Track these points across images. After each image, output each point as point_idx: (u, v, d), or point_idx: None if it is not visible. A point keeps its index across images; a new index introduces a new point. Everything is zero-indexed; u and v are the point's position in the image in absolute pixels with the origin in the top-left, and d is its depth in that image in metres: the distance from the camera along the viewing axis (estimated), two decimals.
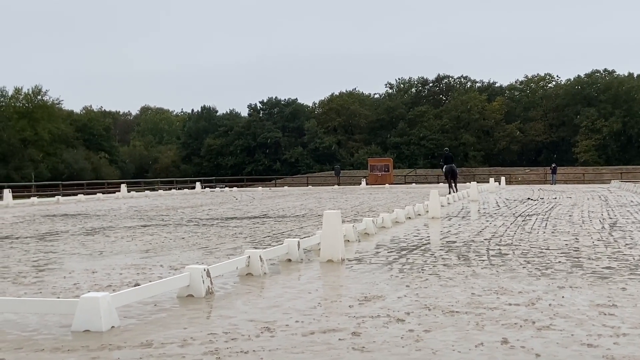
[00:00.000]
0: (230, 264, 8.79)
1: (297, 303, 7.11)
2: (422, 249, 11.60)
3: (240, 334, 5.80)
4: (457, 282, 8.15)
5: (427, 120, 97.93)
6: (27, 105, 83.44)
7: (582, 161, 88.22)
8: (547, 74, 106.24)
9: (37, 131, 78.66)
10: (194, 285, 7.51)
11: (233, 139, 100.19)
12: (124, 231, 16.28)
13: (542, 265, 9.40)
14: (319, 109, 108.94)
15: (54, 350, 5.40)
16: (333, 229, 10.22)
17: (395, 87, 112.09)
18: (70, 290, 8.18)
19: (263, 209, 24.44)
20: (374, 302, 7.06)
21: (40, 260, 11.13)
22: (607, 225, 15.40)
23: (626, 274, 8.49)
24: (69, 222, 19.77)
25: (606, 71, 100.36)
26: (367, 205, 26.19)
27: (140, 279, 8.77)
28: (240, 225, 17.50)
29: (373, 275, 8.85)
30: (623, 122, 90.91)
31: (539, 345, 5.23)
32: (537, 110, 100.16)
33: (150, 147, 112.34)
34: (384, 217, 15.80)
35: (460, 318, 6.22)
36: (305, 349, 5.28)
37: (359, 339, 5.52)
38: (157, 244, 13.10)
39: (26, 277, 9.32)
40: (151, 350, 5.35)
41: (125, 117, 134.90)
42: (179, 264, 10.05)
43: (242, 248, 11.70)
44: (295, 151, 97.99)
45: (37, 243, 13.92)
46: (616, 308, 6.53)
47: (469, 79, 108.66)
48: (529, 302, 6.86)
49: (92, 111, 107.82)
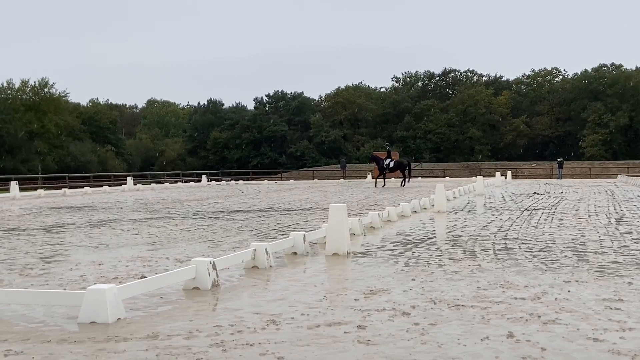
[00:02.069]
0: (236, 256, 8.81)
1: (303, 296, 7.12)
2: (428, 242, 11.59)
3: (246, 326, 5.81)
4: (463, 275, 8.15)
5: (434, 114, 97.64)
6: (33, 97, 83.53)
7: (589, 156, 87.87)
8: (554, 68, 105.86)
9: (44, 124, 78.76)
10: (200, 278, 7.53)
11: (239, 132, 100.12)
12: (130, 224, 16.32)
13: (548, 259, 9.39)
14: (325, 102, 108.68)
15: (60, 342, 5.42)
16: (339, 223, 10.22)
17: (401, 81, 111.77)
18: (76, 282, 8.21)
19: (269, 202, 24.45)
20: (380, 295, 7.06)
21: (46, 252, 11.17)
22: (613, 219, 15.36)
23: (632, 269, 8.47)
24: (75, 215, 19.82)
25: (613, 65, 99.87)
26: (373, 199, 26.18)
27: (147, 272, 8.79)
28: (246, 218, 17.52)
29: (379, 268, 8.86)
30: (630, 116, 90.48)
31: (545, 340, 5.22)
32: (543, 105, 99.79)
33: (157, 140, 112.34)
34: (389, 211, 15.79)
35: (466, 312, 6.22)
36: (310, 341, 5.29)
37: (365, 332, 5.53)
38: (163, 237, 13.13)
39: (33, 269, 9.36)
40: (157, 342, 5.36)
41: (131, 110, 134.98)
42: (184, 257, 10.07)
43: (247, 241, 11.71)
44: (301, 145, 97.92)
45: (44, 235, 13.97)
46: (622, 302, 6.52)
47: (475, 72, 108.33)
48: (535, 296, 6.85)
49: (99, 104, 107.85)
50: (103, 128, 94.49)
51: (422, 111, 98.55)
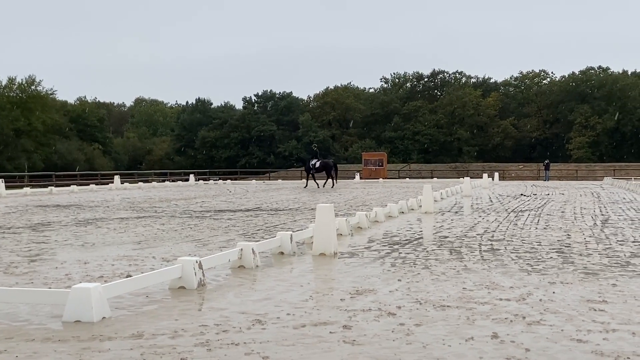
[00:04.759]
0: (223, 256, 8.80)
1: (289, 296, 7.12)
2: (415, 243, 11.62)
3: (232, 326, 5.81)
4: (449, 276, 8.18)
5: (422, 115, 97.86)
6: (20, 95, 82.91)
7: (576, 158, 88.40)
8: (542, 70, 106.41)
9: (31, 121, 78.20)
10: (186, 277, 7.52)
11: (227, 131, 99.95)
12: (117, 222, 16.26)
13: (533, 260, 9.43)
14: (314, 102, 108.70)
15: (44, 341, 5.39)
16: (326, 223, 10.23)
17: (390, 82, 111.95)
18: (61, 280, 8.17)
19: (257, 202, 24.43)
20: (366, 295, 7.07)
21: (32, 250, 11.11)
22: (599, 221, 15.46)
23: (617, 271, 8.53)
24: (61, 213, 19.72)
25: (600, 68, 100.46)
26: (361, 199, 26.20)
27: (132, 271, 8.76)
28: (234, 218, 17.49)
29: (365, 269, 8.87)
30: (617, 119, 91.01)
31: (529, 340, 5.25)
32: (531, 107, 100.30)
33: (144, 138, 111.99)
34: (377, 212, 15.82)
35: (451, 312, 6.24)
36: (296, 341, 5.29)
37: (350, 332, 5.54)
38: (150, 236, 13.09)
39: (18, 267, 9.30)
40: (142, 341, 5.35)
41: (119, 109, 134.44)
42: (171, 256, 10.04)
43: (234, 241, 11.70)
44: (289, 145, 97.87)
45: (30, 233, 13.89)
46: (606, 304, 6.56)
47: (463, 74, 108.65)
48: (520, 297, 6.89)
49: (86, 102, 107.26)
50: (90, 126, 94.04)
51: (411, 112, 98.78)
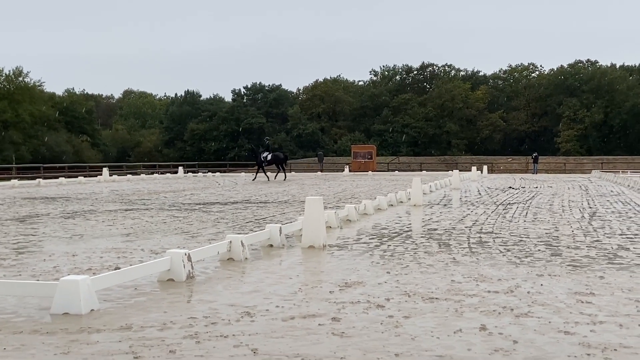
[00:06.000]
0: (212, 248, 8.79)
1: (278, 288, 7.12)
2: (403, 236, 11.64)
3: (220, 318, 5.81)
4: (437, 269, 8.21)
5: (411, 108, 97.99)
6: (7, 86, 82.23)
7: (564, 151, 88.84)
8: (531, 63, 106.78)
9: (18, 113, 77.62)
10: (175, 270, 7.50)
11: (216, 124, 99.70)
12: (105, 215, 16.20)
13: (521, 253, 9.48)
14: (303, 95, 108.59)
15: (32, 333, 5.38)
16: (315, 215, 10.23)
17: (379, 75, 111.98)
18: (50, 273, 8.14)
19: (245, 195, 24.40)
20: (355, 288, 7.09)
21: (20, 242, 11.06)
22: (586, 214, 15.54)
23: (604, 263, 8.58)
24: (49, 205, 19.63)
25: (589, 62, 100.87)
26: (350, 192, 26.23)
27: (121, 263, 8.74)
28: (223, 210, 17.47)
29: (354, 261, 8.89)
30: (605, 112, 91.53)
31: (517, 332, 5.28)
32: (520, 100, 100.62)
33: (133, 131, 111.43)
34: (366, 204, 15.84)
35: (440, 304, 6.26)
36: (285, 333, 5.30)
37: (339, 325, 5.55)
38: (139, 228, 13.05)
39: (5, 259, 9.26)
40: (130, 333, 5.34)
41: (107, 101, 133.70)
42: (160, 248, 10.02)
43: (223, 233, 11.68)
44: (278, 137, 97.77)
45: (17, 226, 13.82)
46: (593, 296, 6.60)
47: (453, 67, 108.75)
48: (508, 289, 6.92)
49: (75, 94, 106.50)
50: (79, 118, 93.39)
51: (400, 105, 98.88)
